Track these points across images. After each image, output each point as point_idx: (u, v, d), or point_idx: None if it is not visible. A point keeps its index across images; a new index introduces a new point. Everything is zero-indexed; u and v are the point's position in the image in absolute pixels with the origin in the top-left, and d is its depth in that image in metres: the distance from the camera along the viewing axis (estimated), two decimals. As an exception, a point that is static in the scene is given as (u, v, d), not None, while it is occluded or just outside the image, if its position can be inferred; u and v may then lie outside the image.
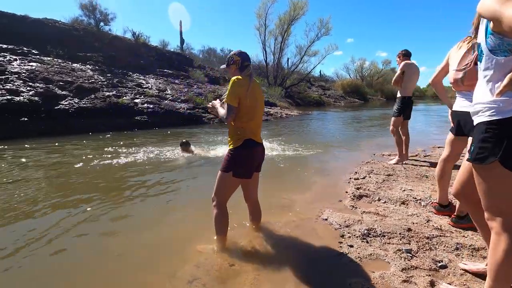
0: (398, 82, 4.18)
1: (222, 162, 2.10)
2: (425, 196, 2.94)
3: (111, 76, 11.27)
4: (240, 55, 2.11)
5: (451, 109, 2.42)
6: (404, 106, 4.22)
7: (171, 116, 10.34)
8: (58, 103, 8.40)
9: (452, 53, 2.31)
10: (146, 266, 2.01)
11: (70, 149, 5.83)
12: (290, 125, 11.51)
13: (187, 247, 2.24)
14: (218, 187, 2.13)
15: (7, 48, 9.89)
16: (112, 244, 2.32)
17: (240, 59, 2.10)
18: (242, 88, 1.98)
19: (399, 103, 4.24)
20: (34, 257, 2.10)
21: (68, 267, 2.03)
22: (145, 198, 3.26)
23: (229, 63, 2.14)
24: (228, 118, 1.99)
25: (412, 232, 2.25)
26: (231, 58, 2.12)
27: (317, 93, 32.98)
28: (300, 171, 4.38)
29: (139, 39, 15.69)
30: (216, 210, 2.13)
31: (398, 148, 4.38)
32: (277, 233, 2.38)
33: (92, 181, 3.83)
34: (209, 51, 31.77)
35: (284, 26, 27.23)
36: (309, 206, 2.93)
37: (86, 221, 2.66)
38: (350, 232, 2.31)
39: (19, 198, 3.15)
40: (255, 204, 2.42)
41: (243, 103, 1.99)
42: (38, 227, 2.52)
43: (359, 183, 3.54)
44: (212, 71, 20.37)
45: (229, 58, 2.14)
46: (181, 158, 5.07)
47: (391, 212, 2.64)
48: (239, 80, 1.99)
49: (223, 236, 2.17)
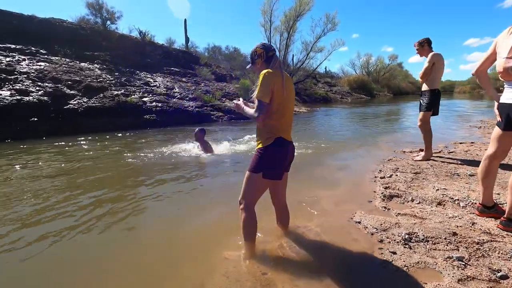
0: (427, 75, 3.94)
1: (251, 162, 1.93)
2: (463, 196, 2.73)
3: (119, 75, 11.19)
4: (263, 47, 1.95)
5: (498, 101, 2.21)
6: (434, 100, 3.97)
7: (180, 114, 10.22)
8: (67, 103, 8.33)
9: (501, 39, 2.09)
10: (171, 276, 1.85)
11: (83, 149, 5.73)
12: (301, 122, 11.30)
13: (213, 253, 2.08)
14: (246, 189, 1.96)
15: (15, 48, 9.85)
16: (131, 251, 2.17)
17: (263, 50, 1.93)
18: (277, 79, 1.81)
19: (428, 97, 3.98)
20: (56, 250, 1.97)
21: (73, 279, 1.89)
22: (164, 198, 3.12)
23: (253, 58, 1.98)
24: (260, 116, 1.80)
25: (458, 236, 2.06)
26: (254, 53, 1.96)
27: (324, 89, 32.62)
28: (322, 169, 4.19)
29: (145, 37, 15.59)
30: (244, 214, 1.97)
31: (426, 144, 4.15)
32: (308, 237, 2.21)
33: (111, 180, 3.71)
34: (214, 49, 31.49)
35: (289, 22, 26.88)
36: (337, 208, 2.74)
37: (105, 224, 2.52)
38: (388, 236, 2.12)
39: (48, 195, 3.04)
40: (283, 207, 2.25)
41: (276, 98, 1.82)
42: (56, 228, 2.39)
43: (386, 182, 3.34)
44: (218, 69, 20.22)
45: (253, 53, 1.97)
46: (198, 157, 4.92)
47: (430, 214, 2.44)
48: (270, 72, 1.81)
49: (252, 242, 2.00)
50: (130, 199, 3.11)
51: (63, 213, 2.75)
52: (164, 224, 2.60)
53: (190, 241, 2.29)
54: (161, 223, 2.62)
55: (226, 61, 26.34)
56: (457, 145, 5.58)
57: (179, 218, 2.71)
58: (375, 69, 49.26)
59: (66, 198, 3.13)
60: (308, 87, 29.89)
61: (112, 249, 2.21)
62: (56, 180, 3.76)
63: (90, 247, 2.22)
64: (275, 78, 1.81)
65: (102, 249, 2.20)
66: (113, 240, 2.32)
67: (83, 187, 3.49)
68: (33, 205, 2.94)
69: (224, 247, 2.12)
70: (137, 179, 3.83)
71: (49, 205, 2.93)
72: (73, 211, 2.79)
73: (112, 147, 5.96)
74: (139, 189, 3.46)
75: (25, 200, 3.08)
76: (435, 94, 3.99)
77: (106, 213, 2.76)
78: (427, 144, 4.15)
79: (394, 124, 10.20)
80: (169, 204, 3.03)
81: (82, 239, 2.30)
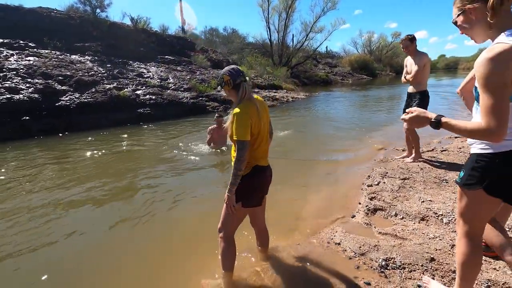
0: (418, 78, 3.80)
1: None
2: (447, 211, 2.70)
3: (111, 67, 10.96)
4: (230, 74, 1.83)
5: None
6: (425, 101, 3.86)
7: (175, 106, 10.09)
8: (58, 99, 8.21)
9: None
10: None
11: (77, 148, 5.70)
12: (295, 112, 11.16)
13: (190, 278, 2.11)
14: (225, 219, 1.94)
15: (3, 43, 9.60)
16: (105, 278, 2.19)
17: (229, 78, 1.83)
18: (251, 112, 1.77)
19: (420, 98, 3.85)
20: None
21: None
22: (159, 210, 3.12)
23: (221, 84, 1.89)
24: (244, 156, 1.73)
25: (435, 262, 2.04)
26: (221, 79, 1.86)
27: (324, 71, 31.98)
28: (308, 174, 4.17)
29: (138, 24, 15.12)
30: (223, 244, 1.97)
31: (416, 147, 4.08)
32: (286, 262, 2.21)
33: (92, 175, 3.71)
34: (211, 31, 30.66)
35: (288, 1, 25.95)
36: (319, 224, 2.74)
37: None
38: (366, 262, 2.11)
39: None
40: (263, 229, 2.25)
41: (254, 130, 1.78)
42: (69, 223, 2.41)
43: (372, 190, 3.30)
44: (215, 54, 19.77)
45: (220, 79, 1.88)
46: (186, 158, 4.90)
47: (410, 234, 2.42)
48: (244, 110, 1.74)
49: (230, 272, 2.01)
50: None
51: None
52: (149, 244, 2.61)
53: (170, 265, 2.30)
54: (147, 244, 2.63)
55: (223, 44, 25.70)
56: (451, 140, 5.50)
57: (162, 239, 2.72)
58: (377, 48, 47.99)
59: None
60: (308, 69, 29.30)
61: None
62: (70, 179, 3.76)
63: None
64: (250, 113, 1.75)
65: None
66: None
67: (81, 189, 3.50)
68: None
69: (202, 273, 2.14)
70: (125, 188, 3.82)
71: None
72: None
73: (107, 145, 5.92)
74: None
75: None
76: (426, 95, 3.87)
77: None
78: (417, 146, 4.08)
79: (390, 111, 9.98)
80: (159, 218, 3.04)
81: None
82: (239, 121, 1.72)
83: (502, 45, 1.13)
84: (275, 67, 22.14)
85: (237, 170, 1.74)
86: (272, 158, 2.04)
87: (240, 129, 1.72)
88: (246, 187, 1.84)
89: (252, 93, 1.88)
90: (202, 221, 2.92)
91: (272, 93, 14.70)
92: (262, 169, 1.91)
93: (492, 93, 1.13)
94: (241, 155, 1.72)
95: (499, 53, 1.11)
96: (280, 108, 12.08)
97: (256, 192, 1.93)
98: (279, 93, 15.22)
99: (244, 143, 1.72)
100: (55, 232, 2.79)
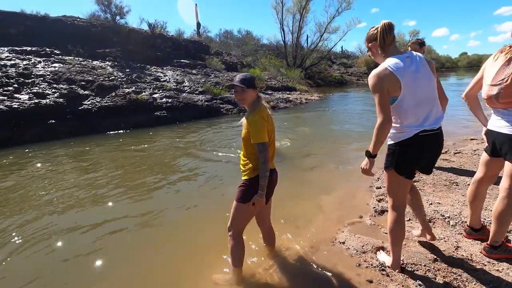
0: None
1: (237, 193, 2.03)
2: (454, 214, 2.72)
3: (129, 72, 11.40)
4: (255, 79, 2.00)
5: (486, 127, 2.15)
6: None
7: (190, 109, 10.38)
8: (81, 103, 8.67)
9: (488, 65, 2.01)
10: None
11: (104, 150, 6.04)
12: (309, 115, 11.18)
13: (202, 273, 2.26)
14: (234, 218, 2.08)
15: (31, 51, 10.23)
16: (118, 271, 2.38)
17: (257, 82, 1.99)
18: (266, 116, 1.93)
19: None
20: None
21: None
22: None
23: (253, 85, 1.93)
24: (267, 155, 1.86)
25: (438, 263, 2.09)
26: (255, 81, 1.96)
27: (339, 71, 31.63)
28: (318, 174, 4.24)
29: (155, 29, 15.62)
30: (232, 241, 2.10)
31: None
32: (292, 260, 2.32)
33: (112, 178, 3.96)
34: (225, 33, 31.10)
35: (302, 2, 25.89)
36: (326, 224, 2.83)
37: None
38: (367, 260, 2.19)
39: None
40: (269, 229, 2.37)
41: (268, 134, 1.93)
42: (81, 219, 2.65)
43: (381, 192, 3.35)
44: (229, 57, 20.06)
45: (254, 80, 1.97)
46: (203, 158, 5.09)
47: (416, 235, 2.47)
48: (260, 115, 1.90)
49: (240, 268, 2.15)
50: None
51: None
52: (162, 236, 2.79)
53: (182, 258, 2.46)
54: (160, 235, 2.81)
55: (237, 47, 25.98)
56: (466, 142, 5.40)
57: (174, 231, 2.89)
58: (394, 47, 46.82)
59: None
60: (322, 70, 29.09)
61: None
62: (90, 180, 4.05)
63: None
64: (265, 117, 1.90)
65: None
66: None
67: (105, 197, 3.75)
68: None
69: (213, 267, 2.29)
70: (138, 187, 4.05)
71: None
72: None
73: (124, 146, 6.22)
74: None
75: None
76: None
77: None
78: None
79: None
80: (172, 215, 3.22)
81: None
82: (260, 125, 1.85)
83: (382, 66, 1.73)
84: (289, 69, 22.17)
85: (266, 171, 1.86)
86: (280, 159, 2.16)
87: (261, 133, 1.85)
88: (254, 188, 1.95)
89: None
90: (215, 220, 3.07)
91: (285, 95, 14.77)
92: (270, 172, 1.99)
93: (377, 97, 1.70)
94: (265, 156, 1.84)
95: (379, 72, 1.71)
96: (293, 109, 12.14)
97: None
98: (293, 95, 15.27)
99: (265, 144, 1.85)
100: (83, 222, 3.03)
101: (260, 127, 1.85)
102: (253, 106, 1.94)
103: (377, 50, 1.83)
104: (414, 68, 1.71)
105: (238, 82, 1.91)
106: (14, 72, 8.62)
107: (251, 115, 1.89)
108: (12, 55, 9.62)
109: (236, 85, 1.91)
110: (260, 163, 1.87)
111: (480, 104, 2.23)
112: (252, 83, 1.92)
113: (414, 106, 1.72)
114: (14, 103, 7.50)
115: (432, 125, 1.75)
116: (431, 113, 1.75)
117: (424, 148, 1.78)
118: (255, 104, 1.95)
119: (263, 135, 1.85)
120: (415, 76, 1.70)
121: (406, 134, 1.75)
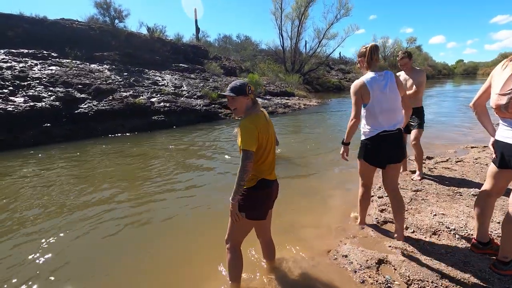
0: (418, 94, 3.74)
1: None
2: (460, 225, 2.64)
3: (127, 75, 11.32)
4: (250, 85, 1.90)
5: (494, 137, 2.08)
6: (423, 117, 3.86)
7: (188, 113, 10.30)
8: (78, 107, 8.57)
9: (496, 73, 1.95)
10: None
11: (99, 153, 5.92)
12: (308, 119, 11.13)
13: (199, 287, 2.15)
14: (231, 230, 1.98)
15: (28, 53, 10.13)
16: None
17: (251, 88, 1.89)
18: (260, 124, 1.81)
19: (420, 114, 3.82)
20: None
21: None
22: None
23: (245, 91, 1.84)
24: (248, 166, 1.72)
25: (446, 280, 2.00)
26: (247, 87, 1.85)
27: (337, 77, 31.78)
28: (319, 183, 4.15)
29: (154, 33, 15.59)
30: (230, 255, 2.00)
31: (419, 165, 3.95)
32: (293, 274, 2.21)
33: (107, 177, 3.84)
34: (224, 38, 31.18)
35: (301, 8, 26.03)
36: (328, 236, 2.73)
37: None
38: (372, 276, 2.09)
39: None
40: (268, 242, 2.27)
41: (260, 143, 1.81)
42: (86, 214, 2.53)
43: (383, 202, 3.26)
44: (228, 61, 20.07)
45: (245, 86, 1.86)
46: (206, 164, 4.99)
47: (421, 249, 2.38)
48: (250, 122, 1.79)
49: (237, 283, 2.04)
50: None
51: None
52: (157, 250, 2.68)
53: (180, 274, 2.35)
54: (156, 250, 2.70)
55: (236, 52, 26.02)
56: (467, 150, 5.35)
57: (174, 246, 2.78)
58: (392, 53, 47.24)
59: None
60: (320, 75, 29.19)
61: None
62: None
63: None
64: (257, 125, 1.79)
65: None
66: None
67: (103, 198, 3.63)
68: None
69: (211, 281, 2.18)
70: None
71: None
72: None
73: (119, 151, 6.11)
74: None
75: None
76: (423, 111, 3.86)
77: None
78: (420, 165, 3.96)
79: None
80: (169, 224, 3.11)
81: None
82: (247, 131, 1.74)
83: (360, 79, 2.35)
84: (288, 74, 22.20)
85: (240, 180, 1.73)
86: (281, 168, 2.07)
87: (246, 139, 1.73)
88: (250, 199, 1.85)
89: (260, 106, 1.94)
90: (215, 227, 2.97)
91: (284, 100, 14.75)
92: (268, 184, 1.90)
93: (354, 100, 2.33)
94: (245, 165, 1.71)
95: (357, 83, 2.34)
96: (292, 115, 12.08)
97: (259, 205, 1.91)
98: (291, 100, 15.24)
99: (249, 153, 1.72)
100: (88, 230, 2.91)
101: (248, 133, 1.74)
102: (247, 113, 1.86)
103: (364, 64, 2.40)
104: (383, 84, 2.29)
105: (228, 91, 1.85)
106: (10, 74, 8.51)
107: (242, 121, 1.81)
108: (9, 57, 9.51)
109: (225, 94, 1.84)
110: (238, 170, 1.74)
111: (488, 113, 2.16)
112: (242, 90, 1.83)
113: (379, 112, 2.30)
114: (9, 106, 7.38)
115: (391, 127, 2.33)
116: (392, 119, 2.33)
117: (384, 144, 2.35)
118: (249, 110, 1.86)
119: (250, 142, 1.73)
120: (383, 91, 2.29)
121: (372, 133, 2.37)
